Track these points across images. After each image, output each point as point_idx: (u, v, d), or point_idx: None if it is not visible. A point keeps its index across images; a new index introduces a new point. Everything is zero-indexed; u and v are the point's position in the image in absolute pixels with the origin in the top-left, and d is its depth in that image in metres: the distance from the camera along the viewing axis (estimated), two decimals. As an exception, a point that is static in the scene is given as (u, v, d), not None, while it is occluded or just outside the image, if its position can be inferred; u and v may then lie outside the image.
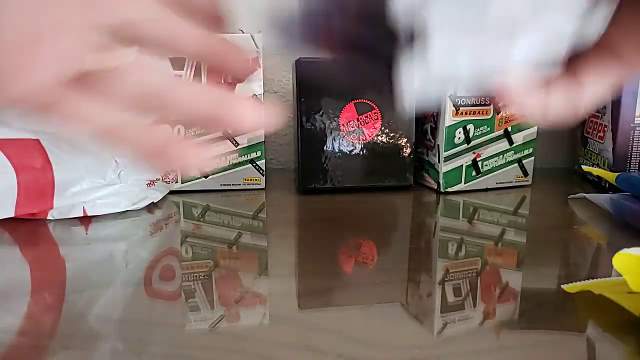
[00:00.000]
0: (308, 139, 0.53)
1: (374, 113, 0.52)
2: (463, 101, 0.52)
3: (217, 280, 0.33)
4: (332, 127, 0.52)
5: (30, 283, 0.33)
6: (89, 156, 0.42)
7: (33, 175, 0.41)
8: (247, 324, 0.27)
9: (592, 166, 0.57)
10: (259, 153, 0.56)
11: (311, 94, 0.52)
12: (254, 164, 0.55)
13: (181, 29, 0.23)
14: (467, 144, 0.54)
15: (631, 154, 0.54)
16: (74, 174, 0.42)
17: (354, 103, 0.52)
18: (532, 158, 0.56)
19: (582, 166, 0.54)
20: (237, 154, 0.56)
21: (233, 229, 0.43)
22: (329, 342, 0.26)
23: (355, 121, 0.52)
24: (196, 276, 0.33)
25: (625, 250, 0.29)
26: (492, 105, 0.53)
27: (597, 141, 0.58)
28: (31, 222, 0.42)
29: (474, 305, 0.30)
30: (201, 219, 0.45)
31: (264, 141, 0.56)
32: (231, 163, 0.55)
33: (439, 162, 0.54)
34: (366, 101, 0.52)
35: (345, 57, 0.28)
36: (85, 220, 0.43)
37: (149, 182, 0.47)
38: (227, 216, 0.46)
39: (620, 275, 0.28)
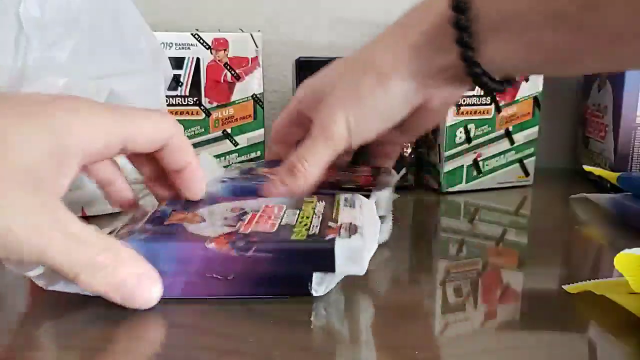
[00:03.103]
0: (308, 138, 0.52)
1: (375, 113, 0.52)
2: (464, 100, 0.52)
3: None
4: (332, 126, 0.52)
5: (29, 284, 0.33)
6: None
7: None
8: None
9: (594, 166, 0.57)
10: (258, 153, 0.56)
11: (311, 93, 0.52)
12: (254, 164, 0.55)
13: None
14: (468, 144, 0.53)
15: (632, 154, 0.54)
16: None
17: (354, 103, 0.52)
18: (534, 158, 0.56)
19: (584, 166, 0.54)
20: (236, 154, 0.55)
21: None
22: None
23: (356, 121, 0.52)
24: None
25: (626, 251, 0.29)
26: (493, 105, 0.53)
27: (598, 141, 0.58)
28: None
29: (475, 306, 0.30)
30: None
31: (264, 141, 0.56)
32: (231, 163, 0.55)
33: (439, 162, 0.53)
34: (366, 101, 0.52)
35: None
36: (84, 221, 0.43)
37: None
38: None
39: (621, 275, 0.28)
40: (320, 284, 0.29)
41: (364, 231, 0.30)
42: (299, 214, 0.33)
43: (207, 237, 0.30)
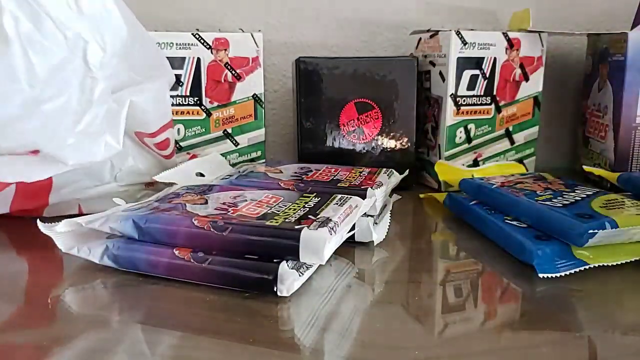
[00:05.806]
0: (308, 138, 0.52)
1: (375, 112, 0.52)
2: (464, 100, 0.52)
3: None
4: (332, 126, 0.52)
5: (26, 281, 0.33)
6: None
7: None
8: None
9: (594, 166, 0.57)
10: (259, 153, 0.56)
11: (311, 93, 0.52)
12: (254, 164, 0.55)
13: None
14: (468, 144, 0.53)
15: (633, 154, 0.54)
16: (71, 175, 0.42)
17: (354, 102, 0.52)
18: (534, 158, 0.56)
19: (584, 166, 0.54)
20: (237, 154, 0.55)
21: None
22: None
23: (356, 120, 0.52)
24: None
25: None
26: (493, 105, 0.53)
27: (598, 141, 0.58)
28: (27, 219, 0.42)
29: (475, 306, 0.30)
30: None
31: (264, 141, 0.56)
32: (231, 163, 0.55)
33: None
34: (366, 100, 0.52)
35: None
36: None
37: (147, 183, 0.47)
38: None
39: None
40: (283, 283, 0.30)
41: (338, 227, 0.31)
42: (289, 206, 0.34)
43: (195, 215, 0.33)
